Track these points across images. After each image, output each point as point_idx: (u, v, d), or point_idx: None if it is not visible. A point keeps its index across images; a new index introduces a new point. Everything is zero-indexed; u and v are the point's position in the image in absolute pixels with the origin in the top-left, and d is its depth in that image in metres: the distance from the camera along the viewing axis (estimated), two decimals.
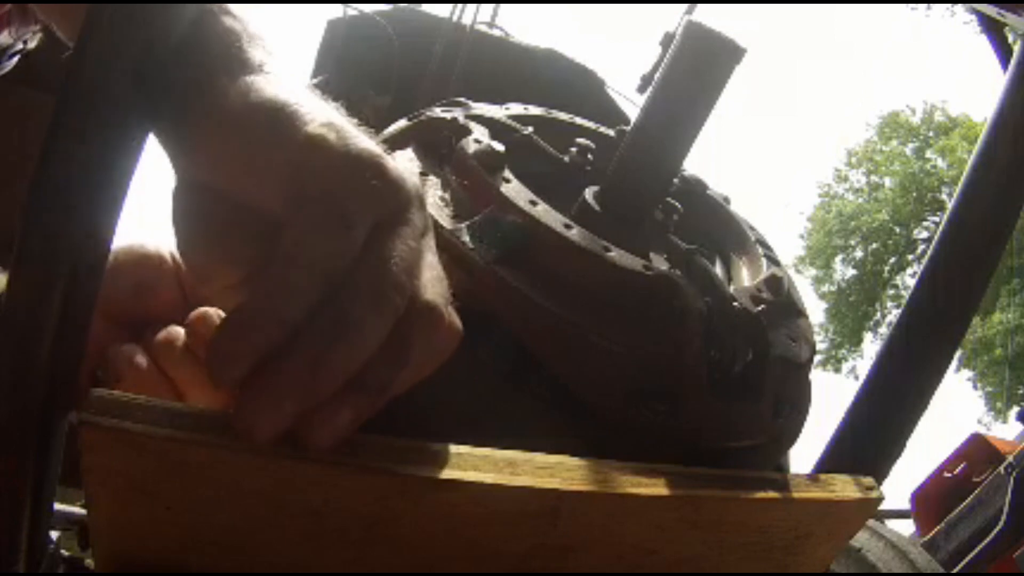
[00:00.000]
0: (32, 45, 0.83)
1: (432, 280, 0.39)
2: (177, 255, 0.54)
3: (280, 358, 0.35)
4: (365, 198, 0.38)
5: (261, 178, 0.39)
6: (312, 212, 0.37)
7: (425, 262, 0.40)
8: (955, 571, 2.98)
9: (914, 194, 15.76)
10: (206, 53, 0.41)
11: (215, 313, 0.51)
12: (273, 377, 0.35)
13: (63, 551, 0.54)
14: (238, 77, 0.41)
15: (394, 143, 0.59)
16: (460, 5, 3.36)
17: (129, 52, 0.34)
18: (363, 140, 0.40)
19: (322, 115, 0.40)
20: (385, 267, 0.37)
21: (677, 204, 0.62)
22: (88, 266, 0.35)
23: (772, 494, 0.46)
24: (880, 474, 0.94)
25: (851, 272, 16.57)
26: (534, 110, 0.67)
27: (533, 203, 0.52)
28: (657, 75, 0.57)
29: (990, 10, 1.00)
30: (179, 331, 0.51)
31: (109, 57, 0.33)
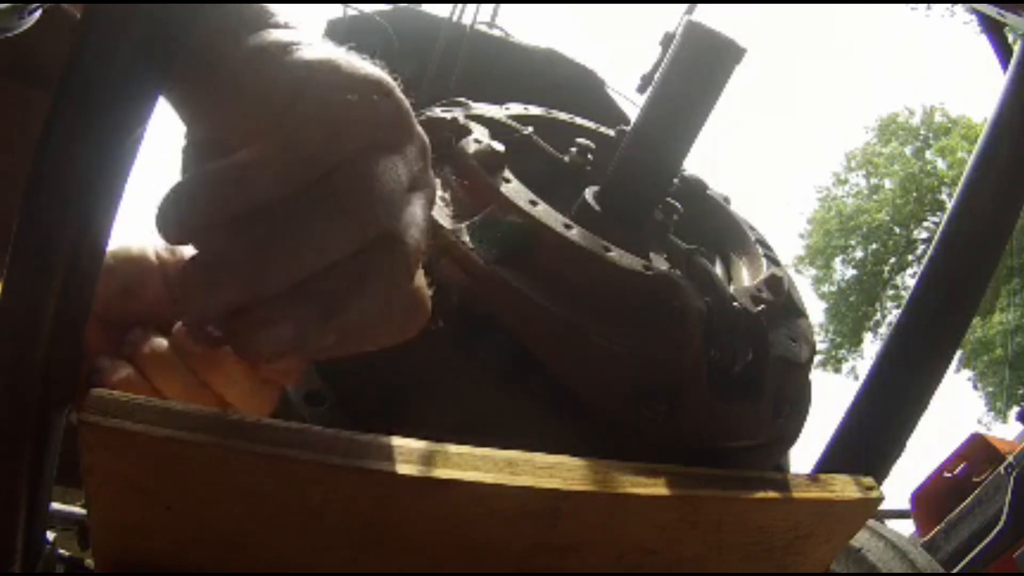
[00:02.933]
0: None
1: (414, 226, 0.37)
2: (162, 254, 0.55)
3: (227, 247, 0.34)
4: (363, 112, 0.36)
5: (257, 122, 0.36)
6: (301, 118, 0.35)
7: (412, 206, 0.38)
8: (955, 571, 2.99)
9: (914, 194, 15.76)
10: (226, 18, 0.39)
11: None
12: (216, 259, 0.34)
13: (63, 551, 0.54)
14: (252, 44, 0.38)
15: None
16: (460, 5, 3.35)
17: (129, 43, 0.34)
18: (374, 68, 0.38)
19: (336, 50, 0.38)
20: (358, 184, 0.35)
21: (677, 204, 0.62)
22: (85, 264, 0.35)
23: (772, 494, 0.46)
24: (880, 474, 0.94)
25: (851, 272, 16.55)
26: (534, 110, 0.67)
27: (533, 203, 0.52)
28: (657, 75, 0.57)
29: (990, 10, 0.99)
30: (163, 342, 0.51)
31: (107, 51, 0.33)
